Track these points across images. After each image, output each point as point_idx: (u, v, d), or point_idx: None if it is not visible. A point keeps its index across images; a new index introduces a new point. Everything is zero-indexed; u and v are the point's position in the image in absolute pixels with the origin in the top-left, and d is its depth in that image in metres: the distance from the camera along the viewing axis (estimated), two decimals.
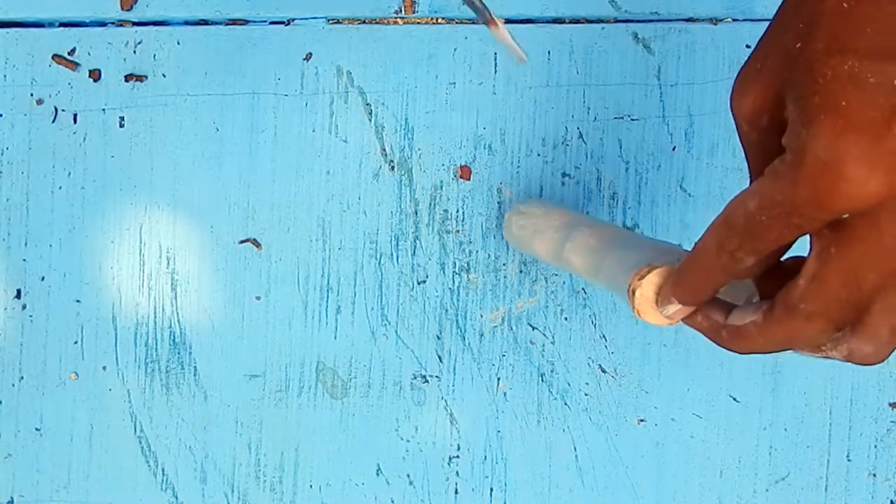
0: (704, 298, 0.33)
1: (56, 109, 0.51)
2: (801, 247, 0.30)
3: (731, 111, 0.32)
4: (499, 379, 0.52)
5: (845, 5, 0.27)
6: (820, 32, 0.27)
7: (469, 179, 0.52)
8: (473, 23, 0.51)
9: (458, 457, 0.53)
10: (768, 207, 0.28)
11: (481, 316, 0.52)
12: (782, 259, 0.32)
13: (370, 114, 0.51)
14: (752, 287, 0.35)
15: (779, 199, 0.28)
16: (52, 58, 0.51)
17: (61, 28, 0.51)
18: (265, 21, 0.51)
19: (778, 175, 0.28)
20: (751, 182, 0.32)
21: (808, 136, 0.27)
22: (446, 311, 0.52)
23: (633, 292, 0.34)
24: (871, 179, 0.26)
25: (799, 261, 0.31)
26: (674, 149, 0.52)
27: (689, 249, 0.37)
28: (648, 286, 0.34)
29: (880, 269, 0.28)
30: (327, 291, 0.52)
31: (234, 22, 0.51)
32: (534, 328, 0.52)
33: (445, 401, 0.52)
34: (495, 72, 0.52)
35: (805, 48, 0.28)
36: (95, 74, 0.51)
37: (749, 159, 0.32)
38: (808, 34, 0.28)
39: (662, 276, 0.34)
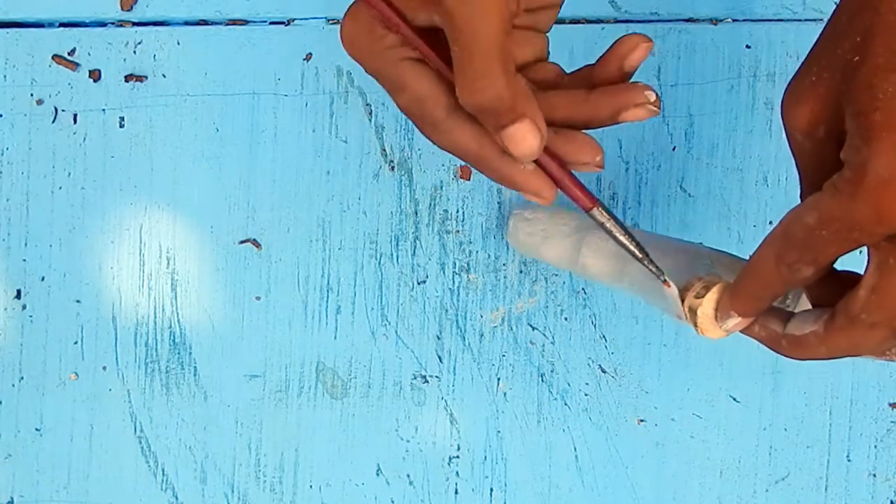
0: (763, 309, 0.33)
1: (56, 109, 0.51)
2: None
3: (783, 121, 0.32)
4: (499, 379, 0.52)
5: None
6: (879, 47, 0.28)
7: (469, 179, 0.52)
8: None
9: (458, 457, 0.53)
10: (828, 223, 0.29)
11: (481, 316, 0.52)
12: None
13: (370, 114, 0.51)
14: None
15: (838, 215, 0.28)
16: (52, 58, 0.51)
17: (61, 28, 0.51)
18: (265, 21, 0.51)
19: (837, 191, 0.28)
20: (801, 192, 0.33)
21: (868, 153, 0.27)
22: (446, 311, 0.52)
23: (695, 312, 0.35)
24: None
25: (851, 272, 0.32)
26: (674, 149, 0.52)
27: (711, 247, 0.37)
28: (709, 304, 0.34)
29: None
30: (327, 291, 0.52)
31: (234, 22, 0.51)
32: (534, 328, 0.52)
33: (445, 401, 0.52)
34: None
35: (863, 62, 0.28)
36: (95, 74, 0.51)
37: (801, 169, 0.33)
38: (865, 48, 0.28)
39: (720, 292, 0.34)
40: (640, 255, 0.36)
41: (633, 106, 0.34)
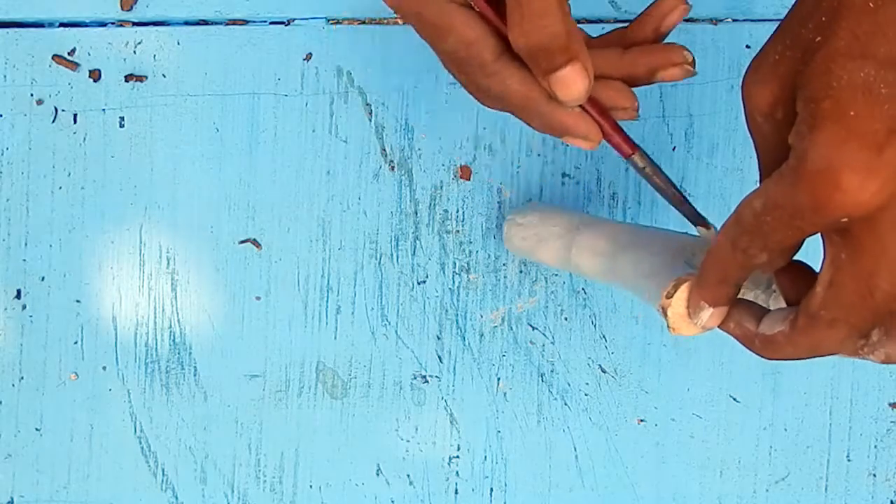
0: (729, 295, 0.33)
1: (56, 109, 0.51)
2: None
3: (743, 100, 0.31)
4: (499, 379, 0.52)
5: (871, 5, 0.27)
6: (842, 30, 0.27)
7: (469, 179, 0.52)
8: None
9: (458, 457, 0.53)
10: (771, 209, 0.28)
11: (481, 316, 0.52)
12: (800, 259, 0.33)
13: (370, 114, 0.51)
14: (771, 275, 0.35)
15: (780, 202, 0.28)
16: (52, 58, 0.51)
17: (61, 28, 0.51)
18: (265, 21, 0.51)
19: (782, 177, 0.28)
20: (760, 176, 0.33)
21: (810, 142, 0.27)
22: (446, 311, 0.52)
23: (665, 312, 0.34)
24: (866, 189, 0.26)
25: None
26: (674, 149, 0.52)
27: (696, 235, 0.37)
28: (679, 303, 0.34)
29: (891, 277, 0.28)
30: (327, 291, 0.52)
31: (234, 22, 0.51)
32: (534, 328, 0.52)
33: (445, 401, 0.52)
34: None
35: (824, 44, 0.27)
36: (95, 74, 0.51)
37: (759, 152, 0.32)
38: (829, 29, 0.27)
39: (689, 289, 0.34)
40: (679, 200, 0.37)
41: (670, 65, 0.35)
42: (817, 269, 0.31)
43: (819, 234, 0.29)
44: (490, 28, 0.34)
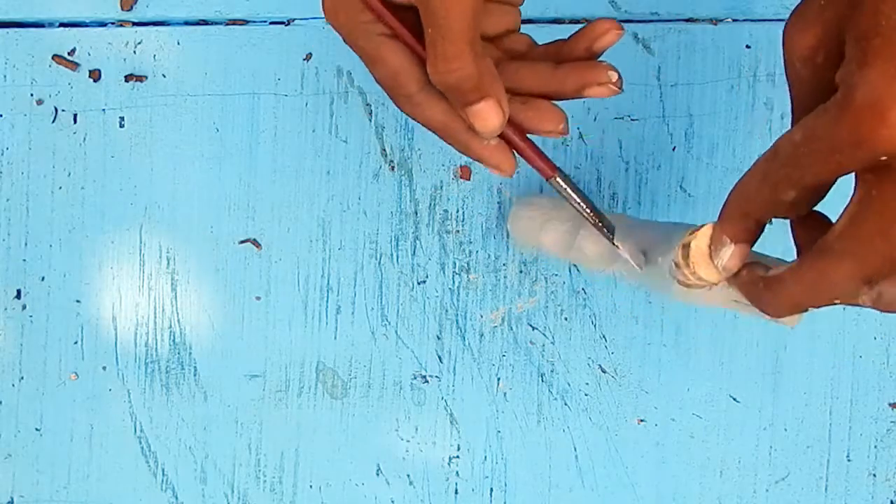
0: (751, 232, 0.33)
1: (56, 109, 0.51)
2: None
3: (784, 47, 0.32)
4: (499, 379, 0.52)
5: None
6: None
7: (469, 179, 0.52)
8: None
9: (458, 457, 0.53)
10: (812, 140, 0.29)
11: (481, 316, 0.52)
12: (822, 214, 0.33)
13: (370, 114, 0.51)
14: (774, 260, 0.35)
15: (821, 134, 0.29)
16: (52, 58, 0.51)
17: (61, 28, 0.51)
18: (265, 21, 0.51)
19: (826, 111, 0.28)
20: (792, 122, 0.33)
21: (860, 77, 0.27)
22: (446, 311, 0.52)
23: (688, 247, 0.35)
24: None
25: None
26: (674, 149, 0.52)
27: (692, 229, 0.37)
28: (702, 239, 0.35)
29: None
30: (327, 291, 0.52)
31: (234, 22, 0.51)
32: (534, 328, 0.52)
33: (445, 401, 0.52)
34: None
35: None
36: (95, 74, 0.51)
37: (794, 97, 0.33)
38: None
39: (712, 228, 0.35)
40: (595, 220, 0.39)
41: (596, 84, 0.37)
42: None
43: (850, 178, 0.30)
44: (416, 59, 0.36)
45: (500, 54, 0.39)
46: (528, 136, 0.39)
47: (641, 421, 0.53)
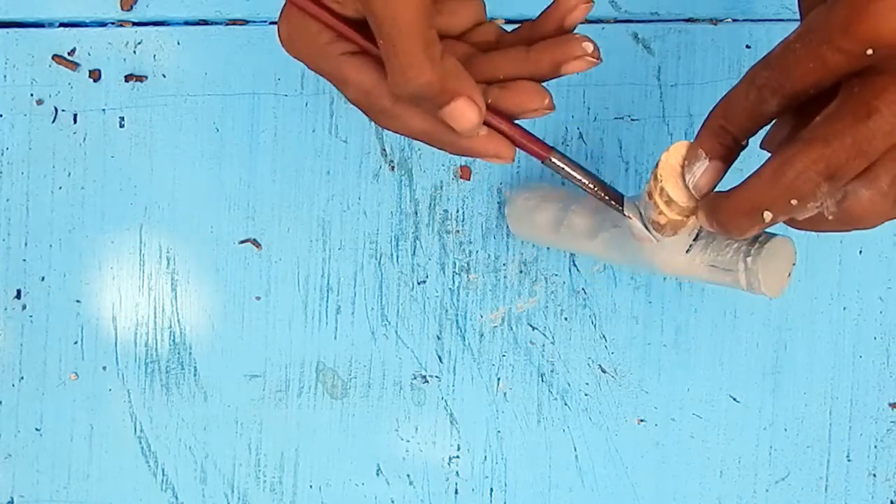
0: (727, 147, 0.33)
1: (56, 109, 0.51)
2: None
3: None
4: (499, 379, 0.52)
5: None
6: None
7: (469, 179, 0.52)
8: None
9: (458, 457, 0.53)
10: (804, 34, 0.29)
11: (481, 316, 0.52)
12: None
13: None
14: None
15: (814, 25, 0.29)
16: (52, 58, 0.51)
17: (61, 28, 0.51)
18: (265, 21, 0.51)
19: (823, 6, 0.29)
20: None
21: None
22: (446, 311, 0.52)
23: (658, 164, 0.34)
24: None
25: None
26: None
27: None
28: (674, 154, 0.34)
29: (892, 106, 0.28)
30: (327, 291, 0.52)
31: (234, 22, 0.51)
32: (534, 328, 0.52)
33: (445, 401, 0.52)
34: None
35: None
36: (95, 74, 0.51)
37: (804, 10, 0.33)
38: None
39: (686, 147, 0.34)
40: (600, 194, 0.38)
41: (572, 58, 0.36)
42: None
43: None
44: (384, 74, 0.34)
45: (470, 49, 0.38)
46: (518, 122, 0.38)
47: (641, 421, 0.53)
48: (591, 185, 0.38)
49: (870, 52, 0.28)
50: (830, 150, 0.29)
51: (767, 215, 0.31)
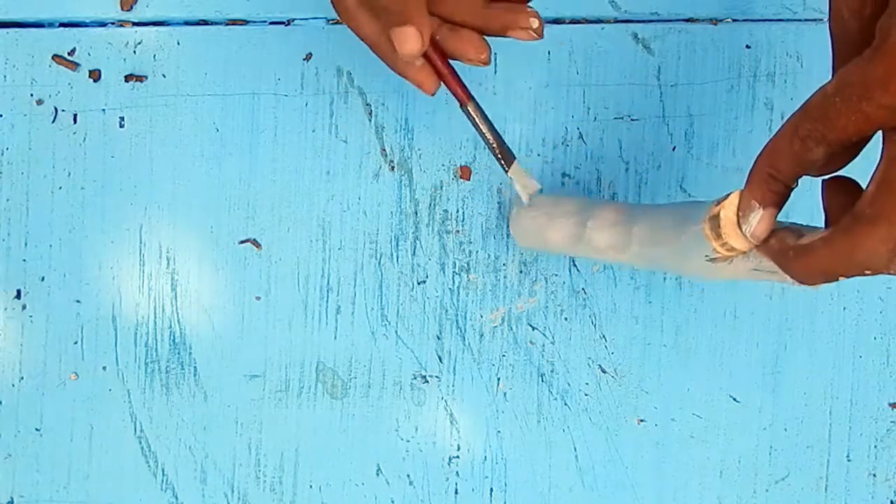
0: (779, 194, 0.33)
1: (56, 109, 0.51)
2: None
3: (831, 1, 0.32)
4: (499, 379, 0.52)
5: None
6: None
7: (469, 179, 0.52)
8: None
9: (458, 457, 0.53)
10: (843, 87, 0.29)
11: (481, 316, 0.52)
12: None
13: (370, 114, 0.51)
14: (799, 228, 0.35)
15: (853, 79, 0.28)
16: (52, 58, 0.51)
17: (61, 28, 0.51)
18: (265, 21, 0.51)
19: (861, 58, 0.28)
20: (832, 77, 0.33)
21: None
22: (446, 311, 0.52)
23: (717, 217, 0.34)
24: None
25: None
26: (674, 149, 0.52)
27: (717, 200, 0.37)
28: (730, 206, 0.34)
29: None
30: (327, 291, 0.52)
31: (234, 22, 0.51)
32: (534, 328, 0.52)
33: (445, 401, 0.52)
34: (495, 72, 0.52)
35: None
36: (95, 74, 0.51)
37: (836, 51, 0.33)
38: None
39: (739, 196, 0.34)
40: (494, 147, 0.44)
41: (518, 27, 0.41)
42: None
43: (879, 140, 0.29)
44: None
45: None
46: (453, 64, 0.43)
47: (641, 421, 0.53)
48: (492, 142, 0.44)
49: None
50: (893, 228, 0.29)
51: (841, 277, 0.32)
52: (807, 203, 0.47)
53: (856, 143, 0.31)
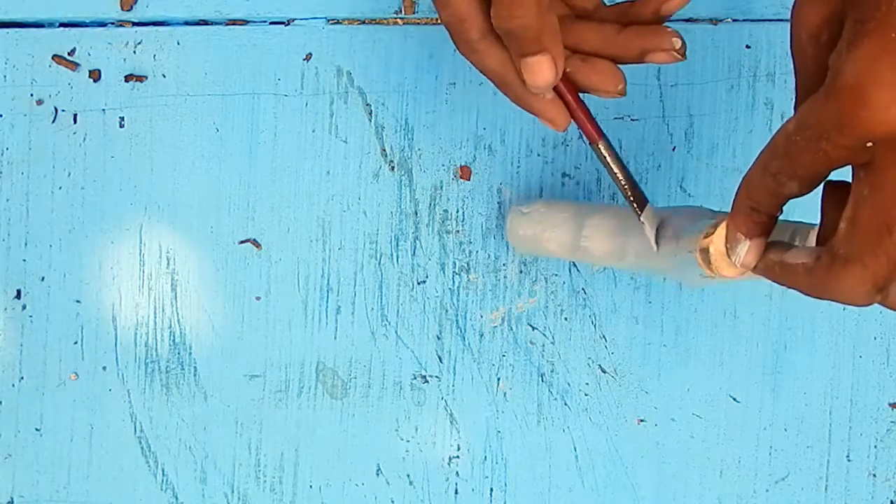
0: (763, 225, 0.33)
1: (56, 109, 0.51)
2: None
3: (793, 19, 0.32)
4: (499, 379, 0.52)
5: None
6: None
7: (469, 179, 0.52)
8: None
9: (458, 457, 0.53)
10: (802, 128, 0.29)
11: (481, 316, 0.52)
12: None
13: (370, 114, 0.51)
14: (793, 226, 0.35)
15: (810, 121, 0.28)
16: (52, 58, 0.51)
17: (61, 28, 0.51)
18: (265, 21, 0.51)
19: (815, 98, 0.28)
20: (795, 104, 0.33)
21: (846, 58, 0.27)
22: (446, 311, 0.52)
23: (707, 251, 0.35)
24: (893, 108, 0.26)
25: None
26: (674, 149, 0.52)
27: (710, 208, 0.37)
28: (719, 240, 0.35)
29: None
30: (327, 291, 0.52)
31: (234, 22, 0.51)
32: (534, 328, 0.52)
33: (445, 401, 0.52)
34: None
35: None
36: (95, 74, 0.51)
37: (799, 78, 0.33)
38: None
39: (726, 229, 0.35)
40: (626, 188, 0.39)
41: (660, 50, 0.37)
42: None
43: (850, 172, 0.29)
44: (482, 8, 0.36)
45: (567, 11, 0.39)
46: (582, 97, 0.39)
47: (641, 421, 0.53)
48: (623, 182, 0.39)
49: (869, 144, 0.27)
50: (871, 273, 0.29)
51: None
52: (807, 202, 0.47)
53: (824, 175, 0.31)
